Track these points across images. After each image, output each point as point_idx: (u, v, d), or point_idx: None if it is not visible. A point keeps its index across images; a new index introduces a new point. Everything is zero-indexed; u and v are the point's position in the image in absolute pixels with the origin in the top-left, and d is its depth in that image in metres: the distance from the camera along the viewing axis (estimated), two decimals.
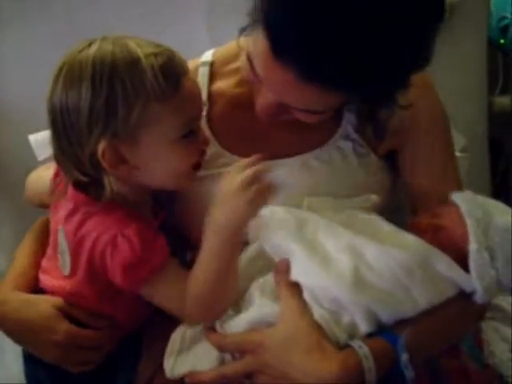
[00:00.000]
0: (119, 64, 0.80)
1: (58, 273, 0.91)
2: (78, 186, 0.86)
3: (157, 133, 0.83)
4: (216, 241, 0.82)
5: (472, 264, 0.82)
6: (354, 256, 0.82)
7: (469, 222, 0.84)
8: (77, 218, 0.86)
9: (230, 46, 1.02)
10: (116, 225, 0.83)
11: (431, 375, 0.85)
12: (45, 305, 0.91)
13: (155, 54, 0.81)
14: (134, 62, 0.80)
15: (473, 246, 0.82)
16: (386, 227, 0.89)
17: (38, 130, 1.04)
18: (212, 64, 1.03)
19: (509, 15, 1.57)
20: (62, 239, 0.88)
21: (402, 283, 0.81)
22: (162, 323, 0.93)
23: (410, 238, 0.86)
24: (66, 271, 0.89)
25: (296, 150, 0.97)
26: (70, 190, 0.88)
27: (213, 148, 0.97)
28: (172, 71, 0.82)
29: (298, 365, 0.78)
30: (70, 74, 0.81)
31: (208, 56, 1.05)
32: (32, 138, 1.06)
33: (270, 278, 0.87)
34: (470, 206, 0.86)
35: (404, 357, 0.79)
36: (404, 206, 1.05)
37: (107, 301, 0.90)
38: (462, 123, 1.33)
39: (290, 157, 0.97)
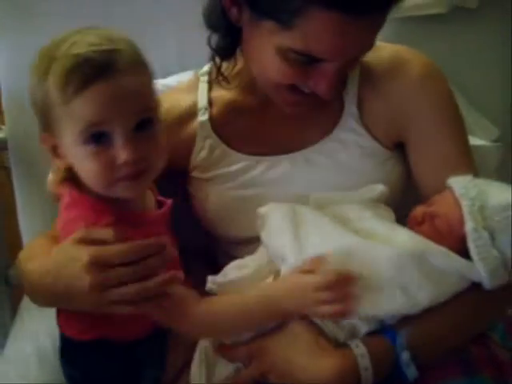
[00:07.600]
0: (52, 61, 0.78)
1: None
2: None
3: (65, 135, 0.80)
4: (263, 313, 0.82)
5: (471, 245, 0.77)
6: (344, 257, 0.80)
7: (463, 202, 0.79)
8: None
9: None
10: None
11: (461, 364, 0.82)
12: (62, 245, 0.81)
13: (75, 55, 0.76)
14: (55, 62, 0.77)
15: (469, 225, 0.77)
16: (381, 226, 0.86)
17: None
18: (209, 73, 1.06)
19: None
20: None
21: (397, 282, 0.78)
22: None
23: (402, 236, 0.82)
24: None
25: (298, 144, 0.98)
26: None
27: (219, 149, 1.01)
28: (79, 76, 0.76)
29: (299, 363, 0.81)
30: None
31: (205, 67, 1.08)
32: None
33: None
34: (465, 186, 0.81)
35: (404, 355, 0.77)
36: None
37: None
38: (493, 113, 1.30)
39: (293, 152, 0.98)
